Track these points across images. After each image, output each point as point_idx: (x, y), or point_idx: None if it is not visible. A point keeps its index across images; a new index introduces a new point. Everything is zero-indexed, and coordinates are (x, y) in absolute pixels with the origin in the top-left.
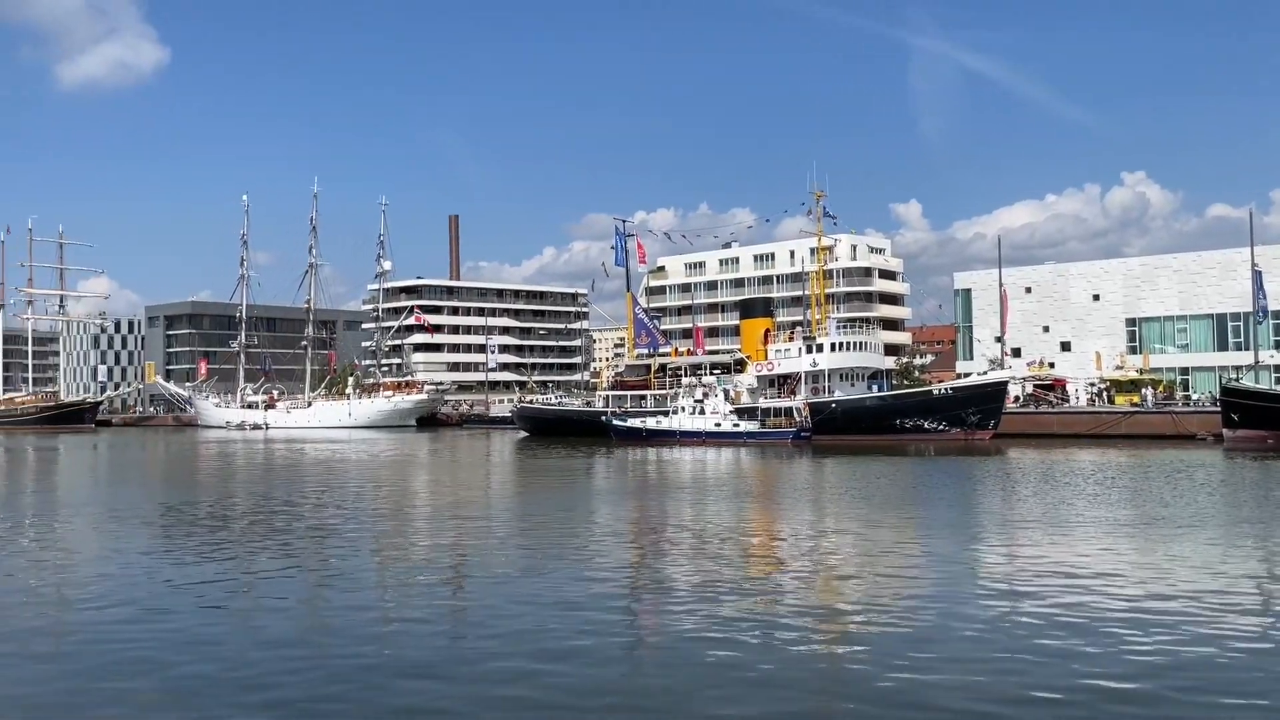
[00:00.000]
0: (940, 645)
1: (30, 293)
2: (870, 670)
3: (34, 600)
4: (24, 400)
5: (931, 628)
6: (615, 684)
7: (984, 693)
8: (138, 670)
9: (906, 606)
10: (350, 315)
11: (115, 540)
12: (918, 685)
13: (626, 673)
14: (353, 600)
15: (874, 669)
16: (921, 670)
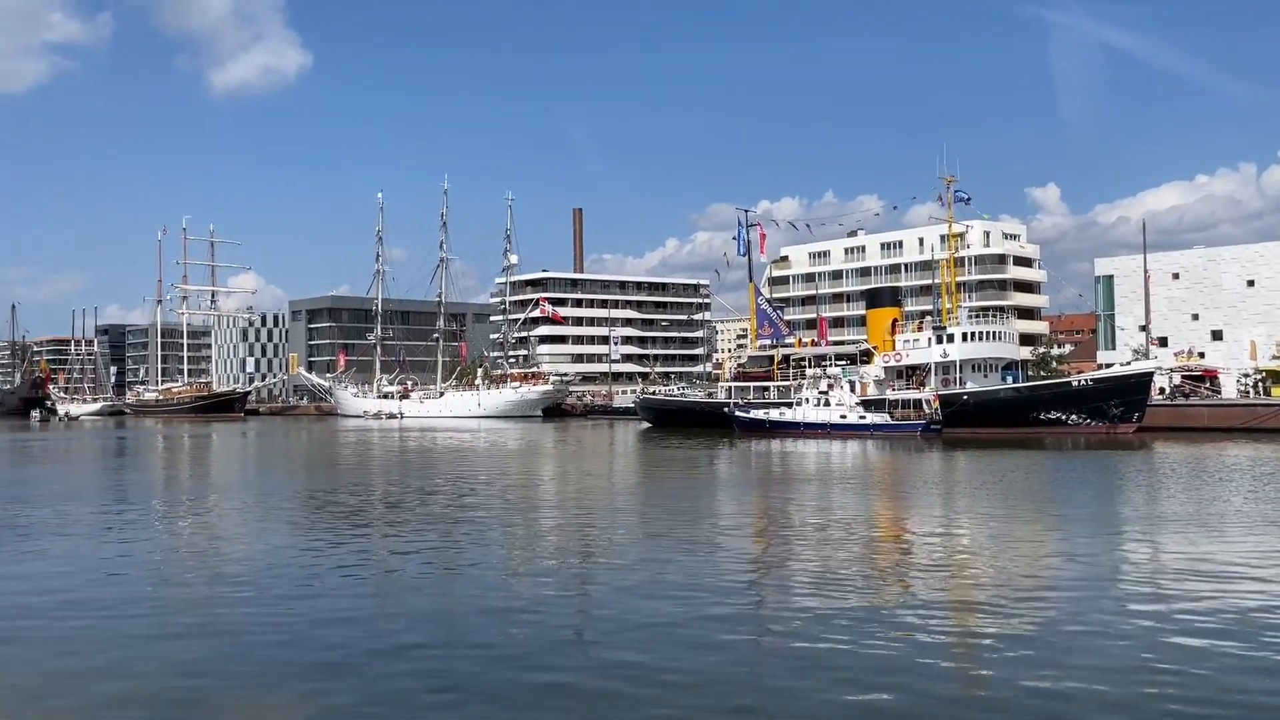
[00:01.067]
0: (1074, 650)
1: (185, 289)
2: (998, 674)
3: (191, 575)
4: (181, 390)
5: (1066, 630)
6: (733, 674)
7: (1118, 703)
8: (281, 642)
9: (1041, 607)
10: (479, 308)
11: (264, 522)
12: (1048, 692)
13: (746, 663)
14: (482, 583)
15: (1003, 672)
16: (1052, 675)
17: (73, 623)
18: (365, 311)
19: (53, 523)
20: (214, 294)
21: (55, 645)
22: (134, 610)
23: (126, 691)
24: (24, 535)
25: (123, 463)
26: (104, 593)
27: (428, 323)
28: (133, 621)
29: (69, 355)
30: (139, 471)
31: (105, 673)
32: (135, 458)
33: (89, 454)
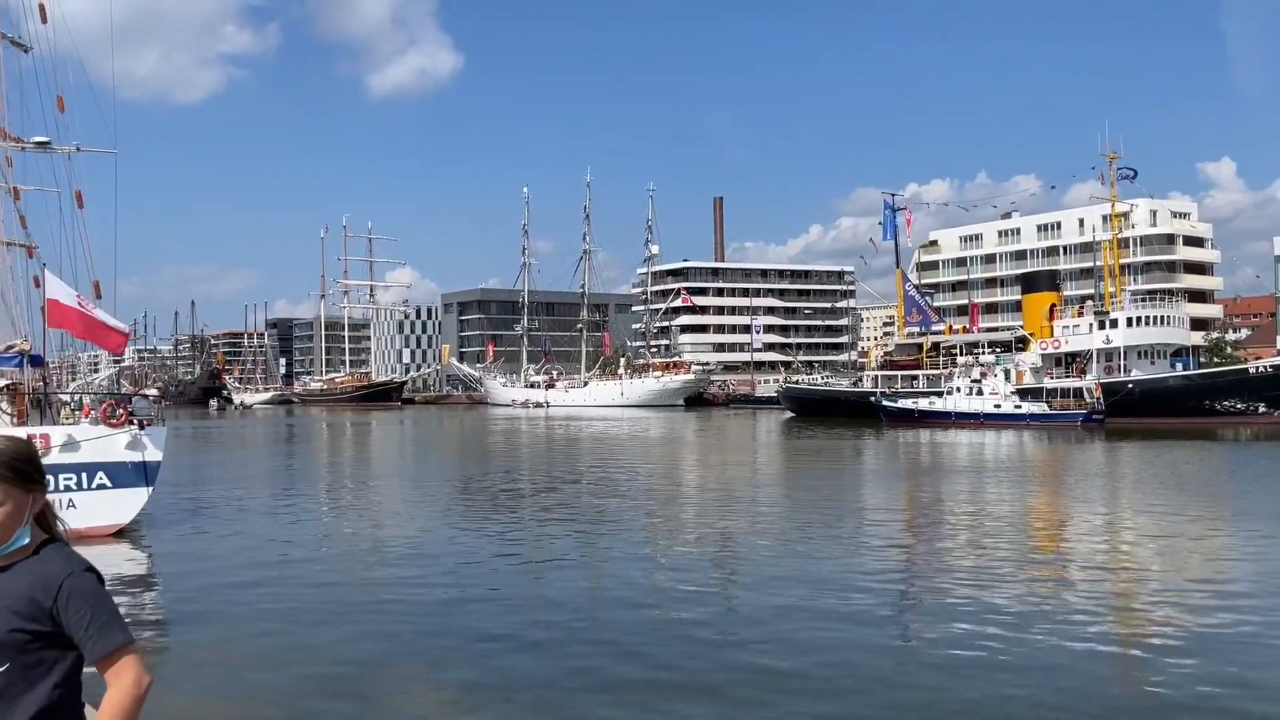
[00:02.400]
0: (1250, 659)
1: (346, 284)
2: (1163, 679)
3: (353, 558)
4: (343, 380)
5: (1242, 636)
6: (882, 674)
7: None
8: (434, 626)
9: (1216, 610)
10: (621, 299)
11: (421, 507)
12: (1219, 701)
13: (895, 663)
14: (625, 573)
15: (1167, 678)
16: (1225, 683)
17: (246, 602)
18: (512, 303)
19: (231, 505)
20: (372, 288)
21: (232, 622)
22: (301, 591)
23: (294, 671)
24: (206, 517)
25: (292, 449)
26: (275, 573)
27: (572, 313)
28: (300, 601)
29: (242, 348)
30: (307, 457)
31: (276, 651)
32: (303, 444)
33: (261, 440)
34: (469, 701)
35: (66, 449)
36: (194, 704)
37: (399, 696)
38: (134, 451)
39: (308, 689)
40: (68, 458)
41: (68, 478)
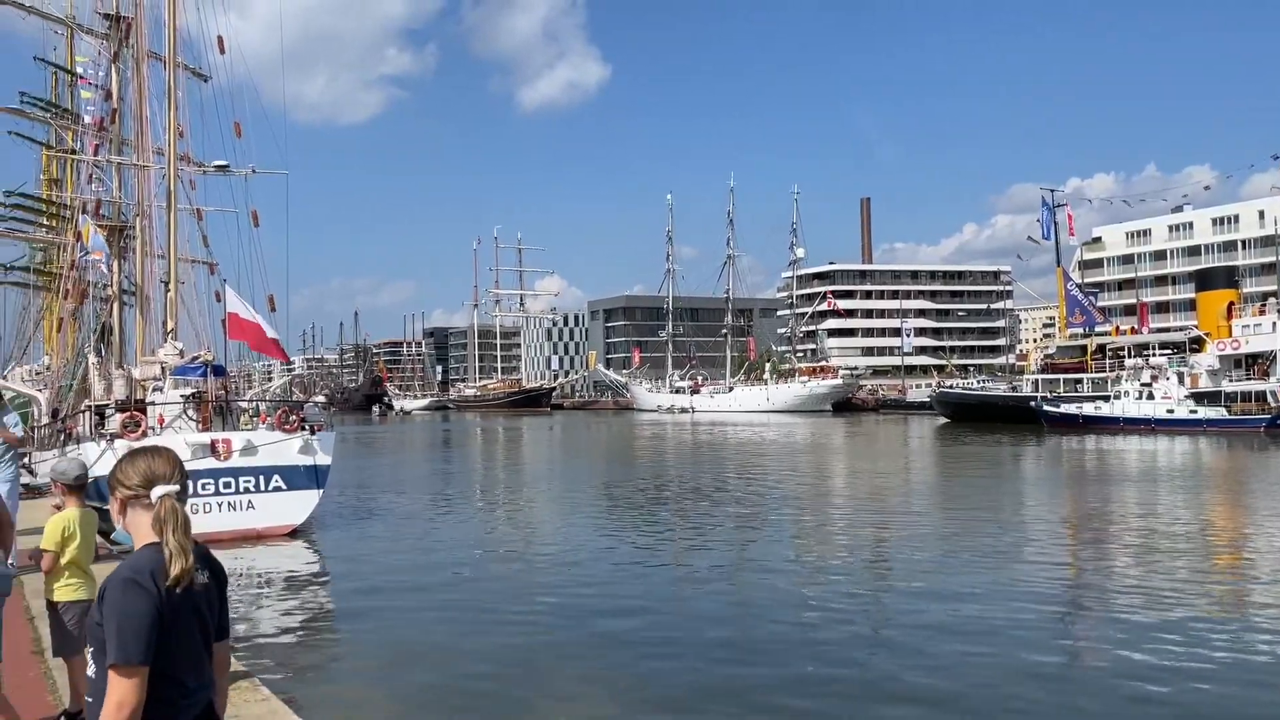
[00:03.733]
0: None
1: (497, 293)
2: None
3: (507, 560)
4: (495, 387)
5: None
6: (1045, 702)
7: None
8: (585, 633)
9: None
10: (766, 303)
11: (571, 511)
12: None
13: (1058, 690)
14: (773, 583)
15: None
16: None
17: (407, 602)
18: (657, 309)
19: (393, 507)
20: (522, 297)
21: (395, 621)
22: (459, 592)
23: (449, 670)
24: (370, 518)
25: (448, 453)
26: (434, 574)
27: (716, 319)
28: (457, 602)
29: (402, 356)
30: (462, 462)
31: (434, 650)
32: (458, 449)
33: (420, 445)
34: (619, 708)
35: (245, 453)
36: (359, 697)
37: (552, 702)
38: (306, 456)
39: (462, 690)
40: (247, 461)
41: (247, 480)
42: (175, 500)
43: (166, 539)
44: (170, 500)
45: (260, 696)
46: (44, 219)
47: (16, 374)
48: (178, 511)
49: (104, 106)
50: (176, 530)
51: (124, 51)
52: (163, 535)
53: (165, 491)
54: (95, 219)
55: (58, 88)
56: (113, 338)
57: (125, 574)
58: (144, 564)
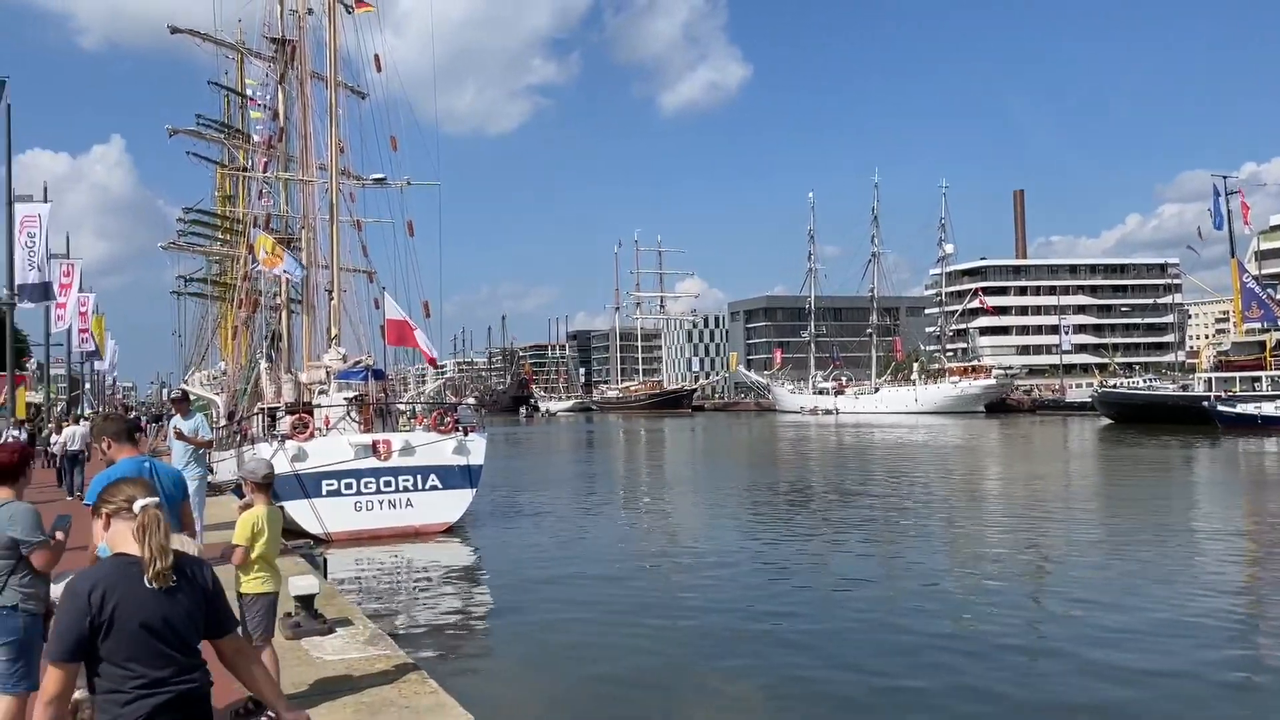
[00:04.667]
0: None
1: (638, 296)
2: None
3: (652, 561)
4: (637, 388)
5: None
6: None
7: None
8: (729, 635)
9: None
10: (913, 301)
11: (714, 512)
12: None
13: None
14: (922, 589)
15: None
16: None
17: (558, 598)
18: (799, 309)
19: (541, 506)
20: (663, 299)
21: (547, 617)
22: (606, 591)
23: (603, 670)
24: (520, 516)
25: (592, 454)
26: (583, 572)
27: (861, 318)
28: (605, 600)
29: (546, 359)
30: (606, 462)
31: (585, 646)
32: (602, 449)
33: (565, 445)
34: (764, 711)
35: (404, 453)
36: (520, 691)
37: (705, 704)
38: (460, 456)
39: (616, 687)
40: (405, 461)
41: (406, 479)
42: (157, 510)
43: (148, 542)
44: (153, 510)
45: (429, 689)
46: (219, 233)
47: (196, 378)
48: (160, 520)
49: (272, 126)
50: (157, 535)
51: (289, 73)
52: (145, 539)
53: (147, 502)
54: (266, 232)
55: (230, 109)
56: (282, 344)
57: (71, 584)
58: (91, 576)
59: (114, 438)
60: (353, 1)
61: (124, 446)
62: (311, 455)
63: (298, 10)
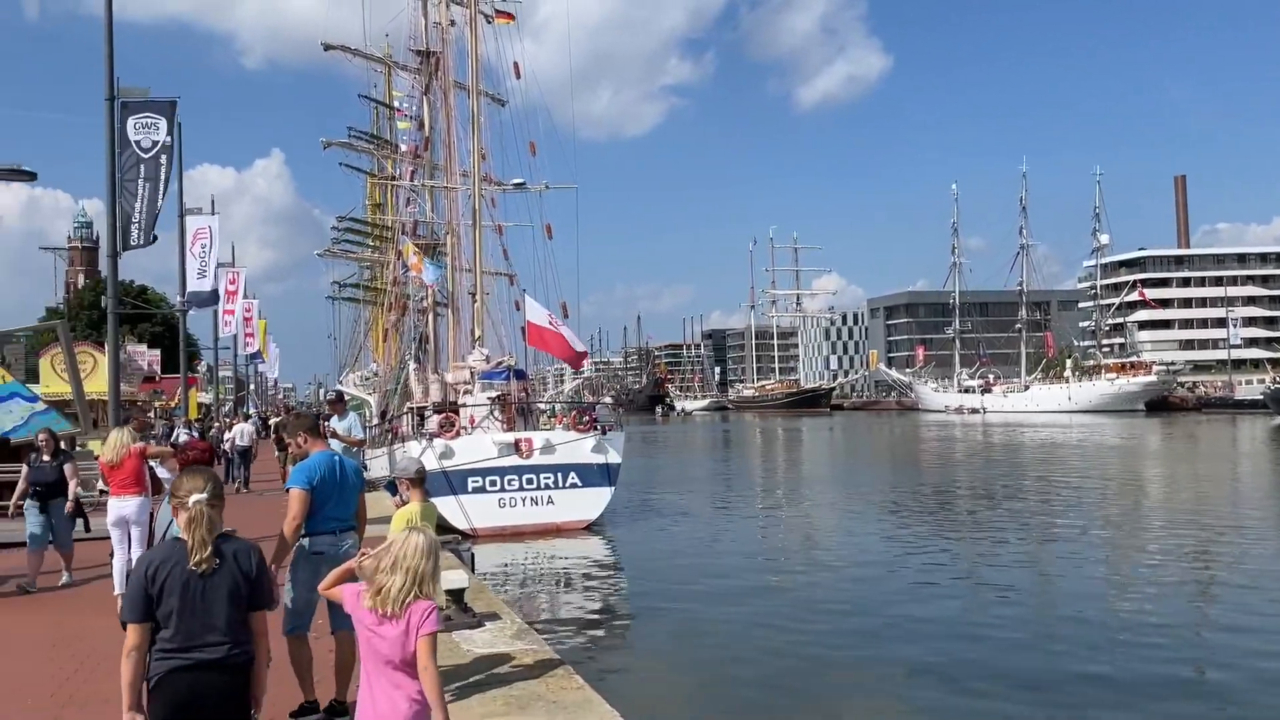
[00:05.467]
0: None
1: (773, 294)
2: None
3: (789, 563)
4: (773, 387)
5: None
6: None
7: None
8: (872, 640)
9: None
10: (1065, 295)
11: (853, 514)
12: None
13: None
14: (1078, 600)
15: None
16: None
17: (697, 597)
18: (942, 305)
19: (678, 505)
20: (799, 296)
21: (686, 616)
22: (745, 591)
23: (743, 671)
24: (658, 515)
25: (728, 453)
26: (721, 572)
27: (1008, 313)
28: (745, 601)
29: (681, 358)
30: (742, 461)
31: (727, 649)
32: (738, 449)
33: (701, 445)
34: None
35: (545, 451)
36: (663, 689)
37: (839, 711)
38: (599, 454)
39: (755, 690)
40: (546, 459)
41: (547, 477)
42: (205, 505)
43: (193, 533)
44: (201, 505)
45: (575, 685)
46: (370, 240)
47: (350, 379)
48: (204, 514)
49: (417, 135)
50: (201, 528)
51: (433, 84)
52: (191, 531)
53: (198, 499)
54: (412, 238)
55: (378, 121)
56: (429, 345)
57: (139, 560)
58: (151, 555)
59: (308, 433)
60: (493, 13)
61: (316, 441)
62: (458, 453)
63: (441, 23)
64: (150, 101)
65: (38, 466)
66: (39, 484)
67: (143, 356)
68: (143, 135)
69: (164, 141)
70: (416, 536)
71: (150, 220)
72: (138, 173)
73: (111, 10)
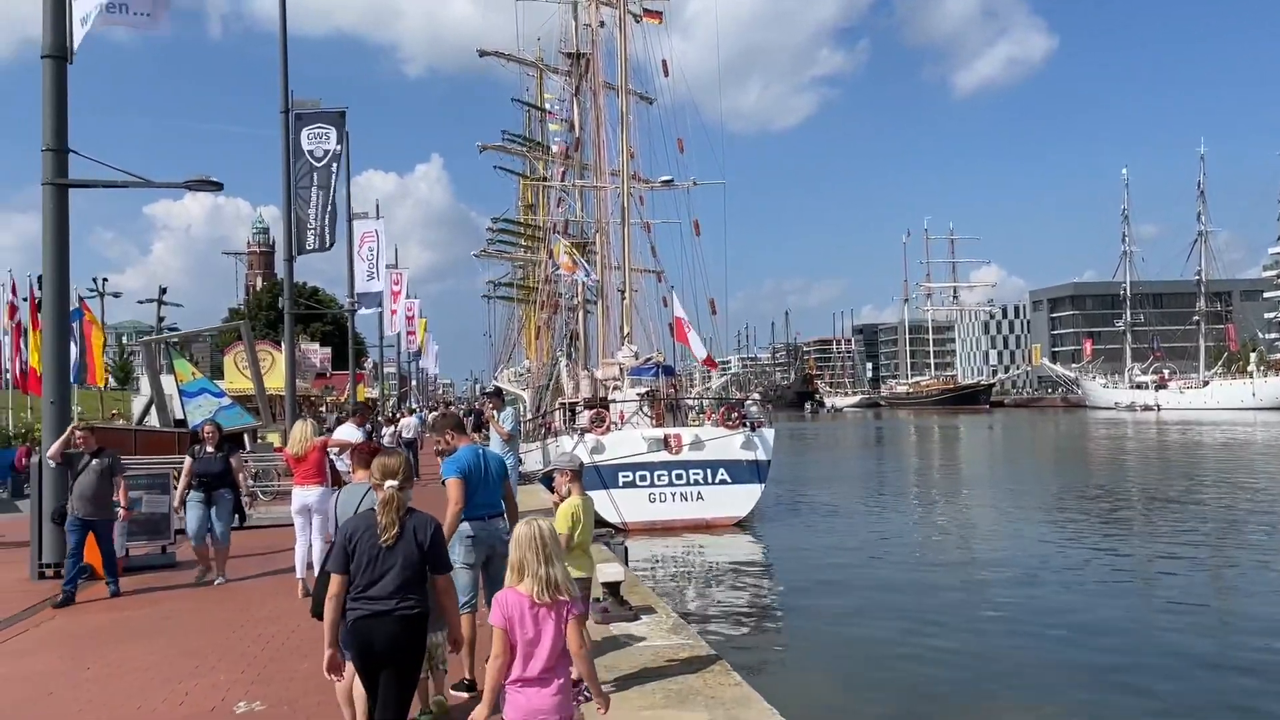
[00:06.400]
0: None
1: (928, 287)
2: None
3: (944, 564)
4: (928, 384)
5: None
6: None
7: None
8: (1031, 651)
9: None
10: (1249, 284)
11: (1015, 517)
12: None
13: None
14: (1265, 615)
15: None
16: None
17: (848, 598)
18: (1112, 297)
19: (828, 504)
20: (955, 289)
21: (836, 617)
22: (896, 594)
23: (891, 675)
24: (807, 514)
25: (881, 451)
26: (871, 573)
27: (1185, 304)
28: (896, 604)
29: (831, 354)
30: (895, 460)
31: (880, 650)
32: (891, 447)
33: (852, 442)
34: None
35: (694, 448)
36: (818, 689)
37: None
38: (748, 451)
39: (909, 693)
40: (695, 455)
41: (696, 473)
42: (396, 490)
43: (384, 512)
44: (394, 490)
45: (733, 681)
46: (522, 240)
47: (504, 375)
48: (395, 497)
49: (567, 136)
50: (390, 510)
51: (583, 85)
52: (383, 510)
53: (391, 484)
54: (564, 237)
55: (530, 124)
56: (579, 342)
57: (343, 525)
58: (352, 521)
59: (455, 430)
60: (641, 12)
61: (461, 436)
62: (608, 448)
63: (590, 24)
64: (321, 112)
65: (202, 458)
66: (203, 475)
67: (315, 354)
68: (315, 144)
69: (334, 150)
70: (545, 524)
71: (327, 225)
72: (311, 180)
73: (285, 29)
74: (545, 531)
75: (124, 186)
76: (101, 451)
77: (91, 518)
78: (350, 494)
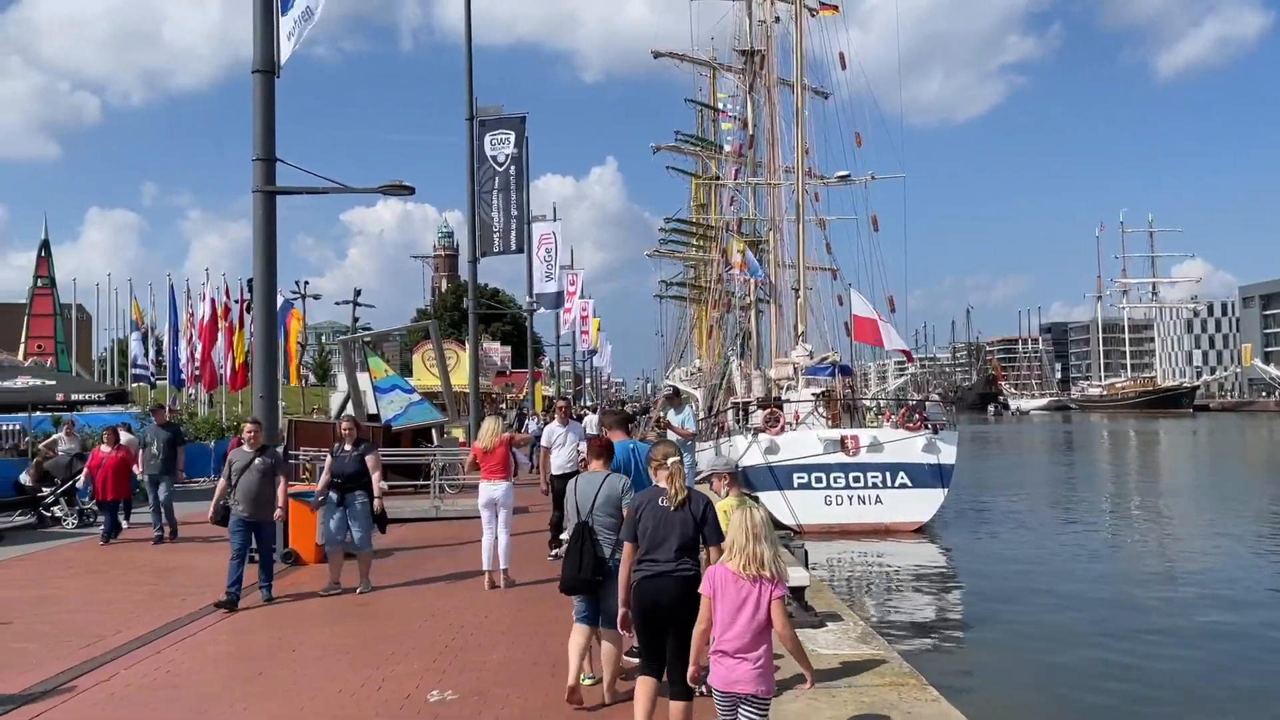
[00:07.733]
0: None
1: (1124, 283)
2: None
3: (1141, 582)
4: (1124, 386)
5: None
6: None
7: None
8: (1233, 662)
9: None
10: None
11: (1217, 533)
12: None
13: None
14: None
15: None
16: None
17: (1032, 609)
18: None
19: (1014, 511)
20: (1155, 285)
21: (1020, 628)
22: (1084, 605)
23: (1091, 698)
24: (992, 520)
25: (1071, 457)
26: (1068, 587)
27: None
28: (1082, 616)
29: (1016, 353)
30: (1088, 466)
31: (1077, 665)
32: (1083, 452)
33: (1040, 447)
34: None
35: (872, 450)
36: (1015, 704)
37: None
38: (930, 454)
39: (1111, 710)
40: (874, 458)
41: (874, 475)
42: (679, 465)
43: (673, 482)
44: (678, 465)
45: (930, 697)
46: (694, 240)
47: (676, 374)
48: (680, 470)
49: (741, 134)
50: (679, 479)
51: (756, 82)
52: (672, 481)
53: (674, 460)
54: (736, 236)
55: (703, 123)
56: (751, 342)
57: (632, 502)
58: (640, 495)
59: (616, 426)
60: (817, 5)
61: (616, 432)
62: (783, 448)
63: (765, 20)
64: (503, 118)
65: (339, 456)
66: (338, 475)
67: (496, 353)
68: (498, 150)
69: (513, 154)
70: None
71: (516, 228)
72: (493, 184)
73: (470, 40)
74: (755, 514)
75: (325, 193)
76: (265, 450)
77: (255, 519)
78: (589, 481)
